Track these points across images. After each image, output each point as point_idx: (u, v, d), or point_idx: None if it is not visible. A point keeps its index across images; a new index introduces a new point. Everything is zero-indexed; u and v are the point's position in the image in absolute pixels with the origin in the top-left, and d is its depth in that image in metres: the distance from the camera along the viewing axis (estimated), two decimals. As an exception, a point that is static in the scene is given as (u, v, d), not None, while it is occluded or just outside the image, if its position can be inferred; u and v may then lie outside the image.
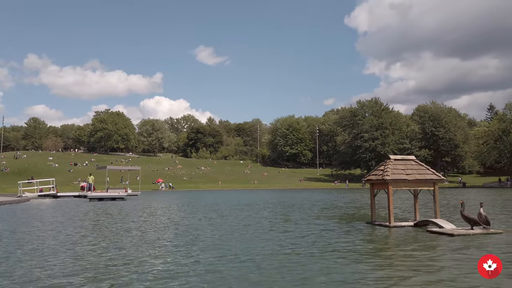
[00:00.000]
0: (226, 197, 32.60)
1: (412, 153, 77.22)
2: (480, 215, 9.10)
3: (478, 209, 9.23)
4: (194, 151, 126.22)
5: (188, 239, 8.67)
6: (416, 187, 10.54)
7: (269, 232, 9.87)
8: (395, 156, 10.94)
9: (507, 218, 12.01)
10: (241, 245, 7.82)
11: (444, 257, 6.30)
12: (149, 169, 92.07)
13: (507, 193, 32.86)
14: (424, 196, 30.20)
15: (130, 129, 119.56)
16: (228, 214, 15.46)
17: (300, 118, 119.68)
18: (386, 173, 10.12)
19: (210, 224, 11.62)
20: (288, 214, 15.35)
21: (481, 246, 7.27)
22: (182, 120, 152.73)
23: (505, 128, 61.19)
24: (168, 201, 26.84)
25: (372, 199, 11.20)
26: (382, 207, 18.03)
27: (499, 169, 79.02)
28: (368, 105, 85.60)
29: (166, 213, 16.34)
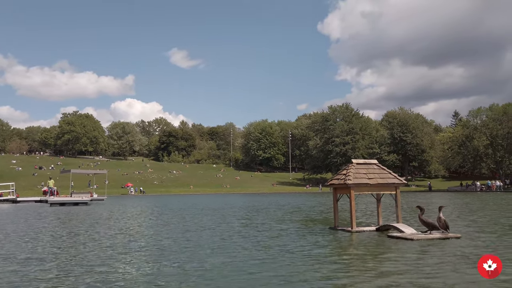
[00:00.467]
0: (195, 201, 32.10)
1: (381, 158, 79.08)
2: (439, 219, 9.05)
3: (438, 213, 9.21)
4: (166, 154, 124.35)
5: (129, 248, 8.18)
6: (378, 191, 10.43)
7: (225, 237, 9.62)
8: (358, 160, 10.82)
9: (465, 222, 12.11)
10: (187, 251, 7.53)
11: (401, 262, 6.20)
12: (119, 173, 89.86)
13: (469, 197, 34.00)
14: (390, 200, 30.76)
15: (99, 132, 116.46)
16: (190, 219, 15.10)
17: (273, 123, 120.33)
18: (348, 178, 9.97)
19: (160, 231, 11.21)
20: (252, 218, 15.14)
21: (439, 250, 7.21)
22: (154, 123, 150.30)
23: (468, 134, 63.54)
24: (133, 206, 26.09)
25: (335, 203, 11.09)
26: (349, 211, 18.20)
27: (463, 174, 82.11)
28: (339, 110, 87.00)
29: (119, 219, 15.74)
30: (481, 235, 9.27)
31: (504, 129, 59.98)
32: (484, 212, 16.08)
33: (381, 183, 10.15)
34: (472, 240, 8.36)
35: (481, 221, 12.57)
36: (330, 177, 11.37)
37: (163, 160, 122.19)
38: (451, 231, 9.18)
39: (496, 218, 13.56)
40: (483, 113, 64.39)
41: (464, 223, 12.02)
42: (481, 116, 64.63)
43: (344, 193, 10.53)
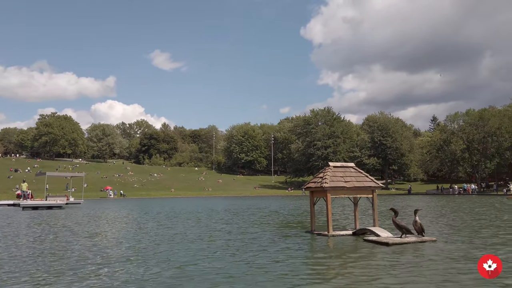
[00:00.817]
0: (175, 204, 31.66)
1: (362, 161, 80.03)
2: (415, 222, 8.96)
3: (414, 217, 9.12)
4: (147, 157, 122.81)
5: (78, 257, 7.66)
6: (355, 194, 10.30)
7: (195, 240, 9.40)
8: (335, 163, 10.63)
9: (440, 226, 12.09)
10: (146, 258, 7.30)
11: (375, 267, 6.12)
12: (98, 176, 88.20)
13: (445, 200, 34.64)
14: (369, 203, 31.06)
15: (78, 134, 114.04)
16: (164, 223, 14.81)
17: (256, 126, 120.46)
18: (325, 181, 9.78)
19: (128, 236, 10.93)
20: (227, 221, 14.92)
21: (414, 254, 7.16)
22: (135, 125, 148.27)
23: (446, 138, 64.96)
24: (109, 210, 25.51)
25: (312, 207, 10.91)
26: (333, 214, 18.17)
27: (441, 177, 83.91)
28: (321, 114, 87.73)
29: (90, 223, 15.29)
30: (456, 238, 9.22)
31: (480, 134, 61.54)
32: (459, 215, 16.33)
33: (358, 187, 10.06)
34: (448, 244, 8.30)
35: (456, 224, 12.63)
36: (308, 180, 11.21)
37: (144, 163, 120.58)
38: (427, 235, 9.14)
39: (469, 220, 13.74)
40: (460, 118, 65.94)
41: (439, 226, 12.02)
42: (458, 121, 66.17)
43: (321, 197, 10.33)
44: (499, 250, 7.41)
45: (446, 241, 8.70)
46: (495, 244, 8.19)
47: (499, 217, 15.30)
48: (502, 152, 60.64)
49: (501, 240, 8.83)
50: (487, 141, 61.09)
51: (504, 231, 10.51)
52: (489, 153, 61.65)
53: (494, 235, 9.69)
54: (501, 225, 12.18)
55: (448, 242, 8.53)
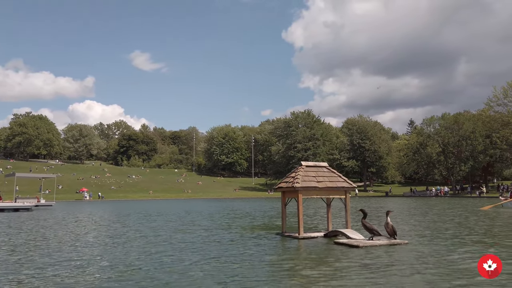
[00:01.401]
0: (151, 207, 31.03)
1: (341, 164, 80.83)
2: (387, 224, 8.66)
3: (385, 218, 8.87)
4: (126, 159, 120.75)
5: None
6: (327, 195, 9.89)
7: (158, 243, 9.07)
8: (307, 163, 10.23)
9: (413, 228, 12.03)
10: (98, 263, 6.96)
11: (343, 270, 5.91)
12: (74, 178, 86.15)
13: (419, 202, 35.18)
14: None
15: (53, 134, 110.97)
16: (132, 224, 14.39)
17: (237, 128, 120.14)
18: (296, 181, 9.36)
19: (88, 240, 10.51)
20: (199, 224, 14.59)
21: (385, 257, 6.95)
22: (114, 126, 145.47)
23: (422, 141, 66.24)
24: (80, 212, 24.74)
25: (283, 208, 10.53)
26: (306, 215, 18.01)
27: (417, 180, 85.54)
28: (301, 117, 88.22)
29: (48, 227, 14.63)
30: (428, 240, 9.06)
31: (455, 137, 62.99)
32: (431, 217, 16.47)
33: (331, 187, 9.70)
34: (420, 246, 8.11)
35: (428, 226, 12.59)
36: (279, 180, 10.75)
37: (122, 165, 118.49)
38: (399, 237, 8.91)
39: (440, 222, 13.81)
40: (435, 122, 67.34)
41: (412, 228, 11.91)
42: (434, 125, 67.58)
43: (292, 197, 9.96)
44: (473, 253, 7.24)
45: (418, 243, 8.52)
46: (466, 246, 8.12)
47: (469, 219, 15.52)
48: (476, 155, 62.20)
49: (472, 241, 8.79)
50: (462, 145, 62.59)
51: (475, 233, 10.52)
52: (464, 156, 63.16)
53: (465, 236, 9.71)
54: (472, 226, 12.27)
55: (420, 244, 8.35)
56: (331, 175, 10.02)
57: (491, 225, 12.93)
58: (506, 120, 56.42)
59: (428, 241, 8.95)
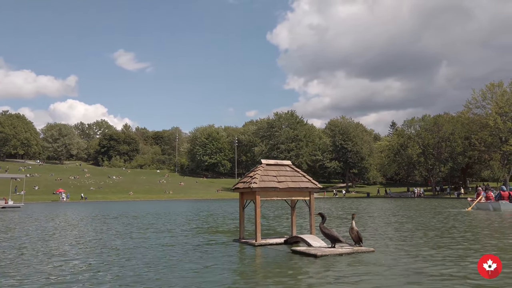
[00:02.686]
0: (125, 208, 30.13)
1: (324, 165, 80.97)
2: (351, 230, 7.70)
3: (351, 222, 7.88)
4: (106, 159, 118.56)
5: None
6: (289, 196, 8.86)
7: (91, 250, 8.35)
8: (268, 161, 9.15)
9: (383, 233, 10.79)
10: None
11: (293, 284, 5.20)
12: (52, 178, 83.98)
13: (394, 203, 35.18)
14: (325, 203, 30.78)
15: (31, 134, 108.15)
16: (84, 227, 13.67)
17: (220, 128, 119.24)
18: (254, 180, 8.32)
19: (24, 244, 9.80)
20: (155, 226, 13.82)
21: (345, 268, 6.07)
22: (95, 125, 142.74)
23: (403, 142, 66.83)
24: (47, 214, 23.74)
25: (241, 211, 9.28)
26: (278, 217, 17.52)
27: (398, 180, 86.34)
28: (284, 117, 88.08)
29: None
30: (397, 248, 8.01)
31: (434, 139, 63.75)
32: (405, 221, 16.18)
33: (293, 188, 8.68)
34: (387, 255, 7.13)
35: (400, 231, 11.34)
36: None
37: (103, 165, 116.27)
38: (365, 244, 8.03)
39: (413, 230, 12.81)
40: (416, 123, 68.05)
41: (381, 233, 10.73)
42: (414, 126, 68.27)
43: (251, 199, 8.79)
44: (445, 265, 6.21)
45: (385, 251, 7.53)
46: (437, 255, 7.20)
47: (445, 223, 15.31)
48: (455, 157, 63.05)
49: (445, 251, 7.93)
50: (441, 146, 63.38)
51: (450, 239, 9.76)
52: (443, 157, 63.95)
53: (437, 244, 9.25)
54: (445, 232, 11.59)
55: (387, 253, 7.36)
56: (294, 175, 9.05)
57: (461, 229, 12.69)
58: (484, 122, 57.28)
59: (396, 248, 7.93)
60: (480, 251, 7.43)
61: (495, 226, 12.63)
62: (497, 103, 56.07)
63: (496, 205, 19.91)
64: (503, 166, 57.24)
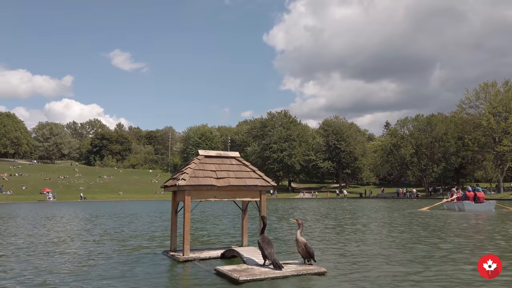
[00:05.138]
0: (104, 208, 29.13)
1: (317, 165, 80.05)
2: (297, 242, 5.60)
3: (296, 233, 5.76)
4: (99, 158, 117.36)
5: None
6: (232, 197, 6.91)
7: None
8: (207, 152, 7.25)
9: (347, 245, 8.06)
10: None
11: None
12: (40, 178, 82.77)
13: (383, 203, 34.33)
14: (309, 203, 29.61)
15: (22, 133, 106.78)
16: (16, 229, 12.68)
17: (213, 127, 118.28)
18: (182, 176, 6.48)
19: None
20: (91, 229, 12.34)
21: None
22: (88, 125, 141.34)
23: (396, 142, 66.09)
24: (12, 216, 22.73)
25: (173, 216, 7.26)
26: (233, 220, 16.45)
27: (392, 181, 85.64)
28: (277, 117, 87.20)
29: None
30: (355, 267, 5.78)
31: (428, 139, 63.05)
32: (381, 228, 15.19)
33: (237, 186, 6.78)
34: (339, 278, 5.07)
35: (369, 242, 8.49)
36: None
37: (95, 165, 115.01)
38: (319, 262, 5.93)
39: (385, 237, 9.87)
40: (409, 123, 67.34)
41: (345, 246, 8.04)
42: (407, 126, 67.56)
43: (182, 200, 6.85)
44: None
45: (342, 273, 5.34)
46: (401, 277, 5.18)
47: (422, 232, 14.41)
48: (448, 157, 62.40)
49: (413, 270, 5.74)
50: (434, 146, 62.71)
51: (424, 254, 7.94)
52: (436, 157, 63.29)
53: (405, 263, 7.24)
54: (423, 242, 10.18)
55: (340, 275, 5.24)
56: (240, 170, 7.15)
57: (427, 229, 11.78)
58: (477, 122, 56.60)
59: (354, 268, 5.70)
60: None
61: (435, 225, 11.75)
62: (491, 103, 55.43)
63: (461, 205, 20.50)
64: (496, 166, 56.59)
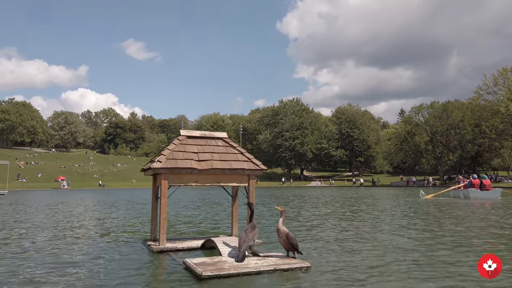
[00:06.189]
0: (112, 195, 29.34)
1: (329, 153, 79.15)
2: (278, 232, 4.95)
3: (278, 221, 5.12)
4: (113, 147, 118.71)
5: None
6: (217, 181, 6.10)
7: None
8: (190, 132, 6.45)
9: (338, 237, 7.21)
10: None
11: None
12: (56, 166, 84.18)
13: (394, 192, 33.61)
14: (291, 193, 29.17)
15: (37, 122, 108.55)
16: (7, 219, 12.64)
17: (226, 116, 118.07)
18: (158, 158, 5.81)
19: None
20: (77, 219, 11.43)
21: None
22: (102, 114, 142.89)
23: (410, 130, 64.64)
24: (19, 203, 22.98)
25: (154, 202, 6.69)
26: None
27: (406, 169, 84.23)
28: (289, 105, 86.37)
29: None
30: (341, 260, 5.06)
31: (443, 126, 61.49)
32: (376, 217, 14.68)
33: (220, 169, 6.02)
34: (322, 274, 4.31)
35: (364, 232, 7.72)
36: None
37: (109, 153, 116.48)
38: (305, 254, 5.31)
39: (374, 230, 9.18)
40: (424, 110, 65.70)
41: (336, 237, 7.13)
42: (422, 113, 65.94)
43: (171, 184, 6.02)
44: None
45: (322, 268, 4.58)
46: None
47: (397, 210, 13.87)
48: (464, 145, 60.84)
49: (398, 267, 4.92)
50: (450, 133, 61.17)
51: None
52: (452, 145, 61.78)
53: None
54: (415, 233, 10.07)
55: (322, 271, 4.47)
56: (226, 152, 6.37)
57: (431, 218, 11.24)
58: (495, 109, 54.83)
59: (340, 261, 5.01)
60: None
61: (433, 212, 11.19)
62: (510, 88, 53.58)
63: (466, 193, 20.42)
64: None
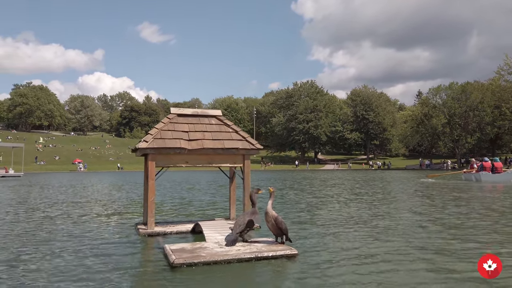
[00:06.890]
0: (124, 179, 29.64)
1: (344, 136, 78.11)
2: (266, 215, 4.48)
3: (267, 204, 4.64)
4: (128, 130, 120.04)
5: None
6: (209, 162, 5.65)
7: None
8: (182, 110, 5.92)
9: (332, 221, 6.63)
10: None
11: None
12: (73, 149, 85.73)
13: (406, 175, 32.92)
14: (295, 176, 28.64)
15: (55, 105, 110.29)
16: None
17: (239, 99, 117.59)
18: (145, 138, 5.41)
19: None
20: (78, 200, 11.32)
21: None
22: (117, 97, 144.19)
23: (427, 112, 63.08)
24: (33, 184, 23.34)
25: (146, 183, 5.96)
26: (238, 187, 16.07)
27: (422, 152, 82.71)
28: (304, 87, 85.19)
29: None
30: (324, 250, 4.45)
31: (462, 108, 59.81)
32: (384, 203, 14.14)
33: (212, 149, 5.55)
34: (308, 262, 3.85)
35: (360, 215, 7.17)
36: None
37: (125, 136, 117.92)
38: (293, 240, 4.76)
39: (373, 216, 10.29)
40: (442, 92, 63.89)
41: (331, 222, 6.50)
42: (440, 95, 64.16)
43: (163, 165, 5.65)
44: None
45: (311, 256, 4.10)
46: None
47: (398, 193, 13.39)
48: (483, 127, 59.16)
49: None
50: (469, 116, 59.48)
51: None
52: (470, 128, 60.15)
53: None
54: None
55: (309, 259, 4.00)
56: (219, 130, 5.87)
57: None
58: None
59: (324, 249, 4.48)
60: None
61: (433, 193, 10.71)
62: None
63: (478, 176, 20.13)
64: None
